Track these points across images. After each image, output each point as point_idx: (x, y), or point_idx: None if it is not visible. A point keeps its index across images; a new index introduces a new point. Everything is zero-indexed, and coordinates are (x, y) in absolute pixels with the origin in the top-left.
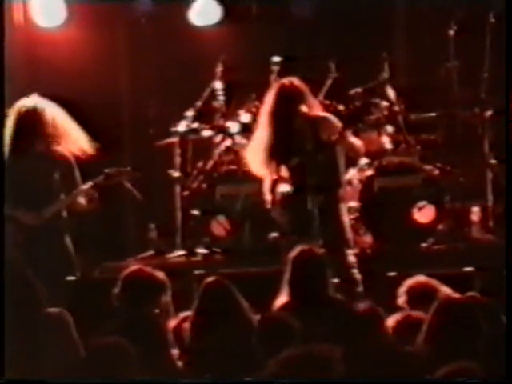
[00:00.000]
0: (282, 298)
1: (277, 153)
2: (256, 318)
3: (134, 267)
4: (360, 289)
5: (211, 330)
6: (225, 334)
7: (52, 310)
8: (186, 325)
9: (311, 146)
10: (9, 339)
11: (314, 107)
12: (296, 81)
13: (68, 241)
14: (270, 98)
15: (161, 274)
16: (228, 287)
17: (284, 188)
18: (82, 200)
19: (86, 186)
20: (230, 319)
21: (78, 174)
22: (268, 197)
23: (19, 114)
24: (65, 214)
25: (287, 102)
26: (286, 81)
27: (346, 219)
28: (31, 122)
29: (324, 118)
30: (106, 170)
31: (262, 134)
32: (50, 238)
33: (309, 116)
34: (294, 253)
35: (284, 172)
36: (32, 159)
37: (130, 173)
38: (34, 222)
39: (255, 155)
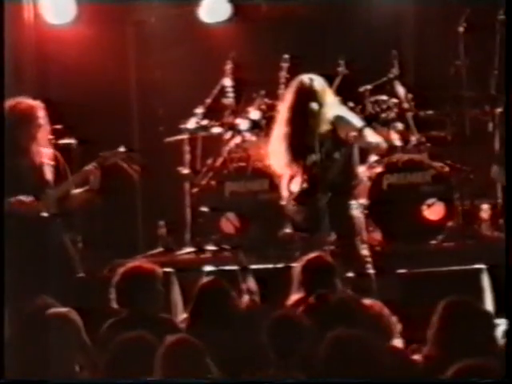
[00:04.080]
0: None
1: (295, 150)
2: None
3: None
4: (373, 285)
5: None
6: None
7: (59, 308)
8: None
9: (328, 144)
10: (13, 338)
11: (332, 104)
12: (315, 77)
13: (76, 238)
14: (289, 95)
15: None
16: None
17: (298, 185)
18: (82, 188)
19: (83, 170)
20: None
21: (67, 167)
22: (285, 193)
23: (15, 109)
24: (69, 208)
25: (306, 98)
26: (304, 77)
27: (358, 216)
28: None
29: (342, 117)
30: (101, 153)
31: (282, 130)
32: (57, 234)
33: (327, 114)
34: (304, 260)
35: (301, 169)
36: (24, 154)
37: (124, 154)
38: (35, 215)
39: (275, 152)
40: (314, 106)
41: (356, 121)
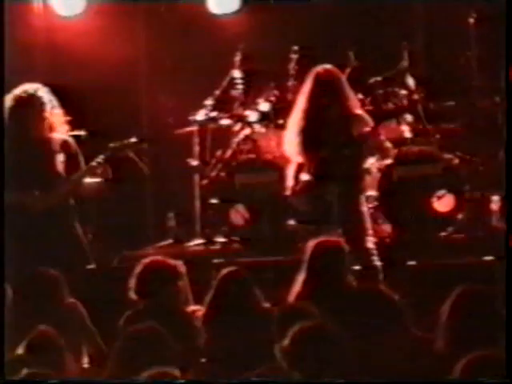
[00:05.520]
0: (298, 287)
1: (309, 141)
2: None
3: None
4: (380, 276)
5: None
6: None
7: (68, 300)
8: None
9: (341, 139)
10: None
11: (349, 98)
12: (333, 69)
13: (86, 229)
14: (306, 86)
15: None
16: (246, 278)
17: (306, 176)
18: (93, 179)
19: (93, 163)
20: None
21: (81, 157)
22: (290, 183)
23: (18, 98)
24: (80, 200)
25: (323, 90)
26: (321, 69)
27: (366, 208)
28: (29, 107)
29: (358, 115)
30: (111, 145)
31: (298, 119)
32: (65, 225)
33: (343, 111)
34: (312, 242)
35: (312, 161)
36: (31, 144)
37: (135, 144)
38: (42, 208)
39: (290, 140)
40: (329, 99)
41: (370, 120)
